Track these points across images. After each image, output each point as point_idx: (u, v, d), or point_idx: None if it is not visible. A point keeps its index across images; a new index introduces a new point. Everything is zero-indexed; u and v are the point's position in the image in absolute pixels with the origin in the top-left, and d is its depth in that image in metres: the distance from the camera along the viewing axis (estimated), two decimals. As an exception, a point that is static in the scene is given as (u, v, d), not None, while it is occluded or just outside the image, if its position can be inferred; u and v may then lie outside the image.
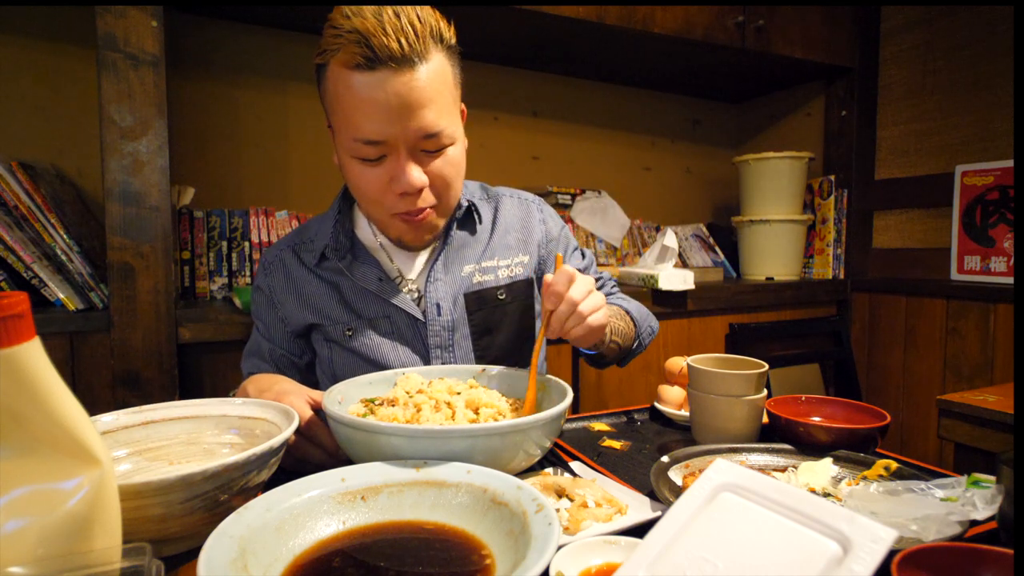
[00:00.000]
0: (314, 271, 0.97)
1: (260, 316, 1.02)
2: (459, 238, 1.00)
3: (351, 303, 0.96)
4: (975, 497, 0.53)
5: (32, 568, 0.37)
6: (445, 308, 0.96)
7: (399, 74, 0.77)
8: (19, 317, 0.38)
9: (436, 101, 0.81)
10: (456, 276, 0.98)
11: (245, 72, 1.80)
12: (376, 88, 0.77)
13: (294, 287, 0.98)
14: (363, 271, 0.95)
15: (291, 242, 1.02)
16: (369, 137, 0.80)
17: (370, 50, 0.75)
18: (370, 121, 0.79)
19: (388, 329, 0.96)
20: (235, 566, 0.44)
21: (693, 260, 2.37)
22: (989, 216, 1.90)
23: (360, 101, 0.79)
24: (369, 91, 0.78)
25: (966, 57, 1.97)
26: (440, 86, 0.81)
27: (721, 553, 0.43)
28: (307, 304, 0.97)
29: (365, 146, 0.81)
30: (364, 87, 0.78)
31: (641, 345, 1.11)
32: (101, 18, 1.24)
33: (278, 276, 0.99)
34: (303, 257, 0.99)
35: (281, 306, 0.98)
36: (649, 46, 1.97)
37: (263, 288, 1.01)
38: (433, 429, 0.60)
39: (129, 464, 0.66)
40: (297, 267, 0.99)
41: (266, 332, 1.01)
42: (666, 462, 0.69)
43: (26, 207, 1.30)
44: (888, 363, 2.17)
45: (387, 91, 0.77)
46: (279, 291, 0.99)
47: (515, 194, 1.09)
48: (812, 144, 2.40)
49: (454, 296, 0.97)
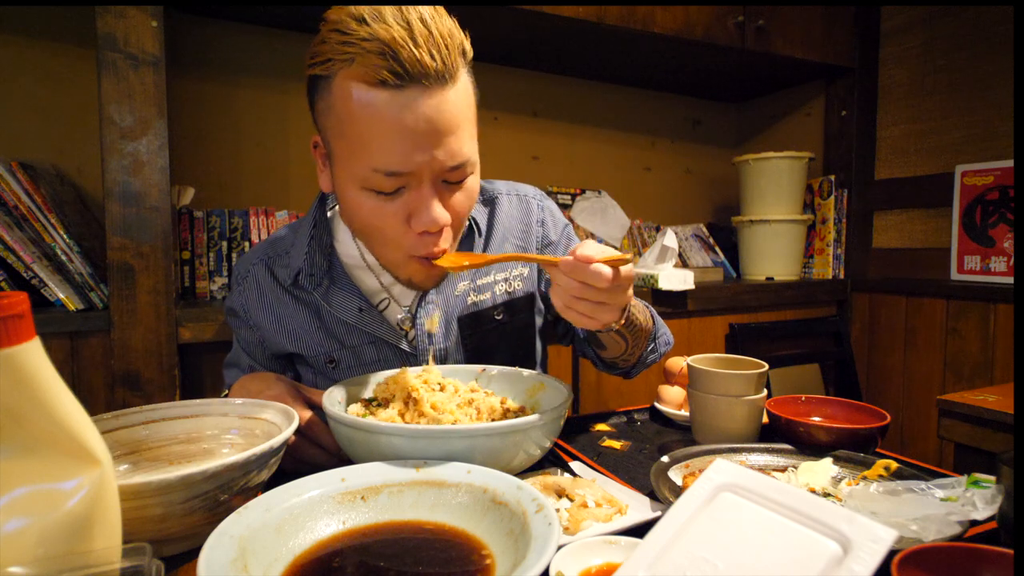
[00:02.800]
0: (289, 291, 0.88)
1: (238, 333, 0.94)
2: None
3: (332, 330, 0.87)
4: (975, 497, 0.53)
5: (32, 568, 0.37)
6: (437, 336, 0.88)
7: (429, 94, 0.66)
8: (19, 317, 0.38)
9: (464, 127, 0.71)
10: (449, 296, 0.89)
11: (245, 72, 1.80)
12: (404, 110, 0.65)
13: (269, 308, 0.88)
14: (341, 300, 0.85)
15: (263, 255, 0.91)
16: (392, 168, 0.68)
17: (399, 64, 0.64)
18: (394, 149, 0.67)
19: (375, 357, 0.87)
20: (235, 566, 0.44)
21: (693, 260, 2.36)
22: (989, 216, 1.90)
23: (383, 125, 0.66)
24: (395, 113, 0.66)
25: (966, 57, 1.97)
26: (467, 109, 0.71)
27: (721, 553, 0.43)
28: (284, 329, 0.88)
29: (385, 178, 0.69)
30: (389, 108, 0.65)
31: (656, 352, 0.99)
32: (101, 18, 1.24)
33: (251, 295, 0.89)
34: (277, 274, 0.88)
35: (257, 327, 0.90)
36: (649, 46, 1.97)
37: (237, 310, 0.91)
38: (433, 429, 0.60)
39: (129, 464, 0.66)
40: (271, 286, 0.89)
41: (246, 347, 0.93)
42: (666, 462, 0.69)
43: (26, 207, 1.30)
44: (888, 363, 2.17)
45: (416, 114, 0.66)
46: (254, 312, 0.89)
47: (513, 191, 0.98)
48: (812, 144, 2.40)
49: (448, 320, 0.88)
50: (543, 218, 0.99)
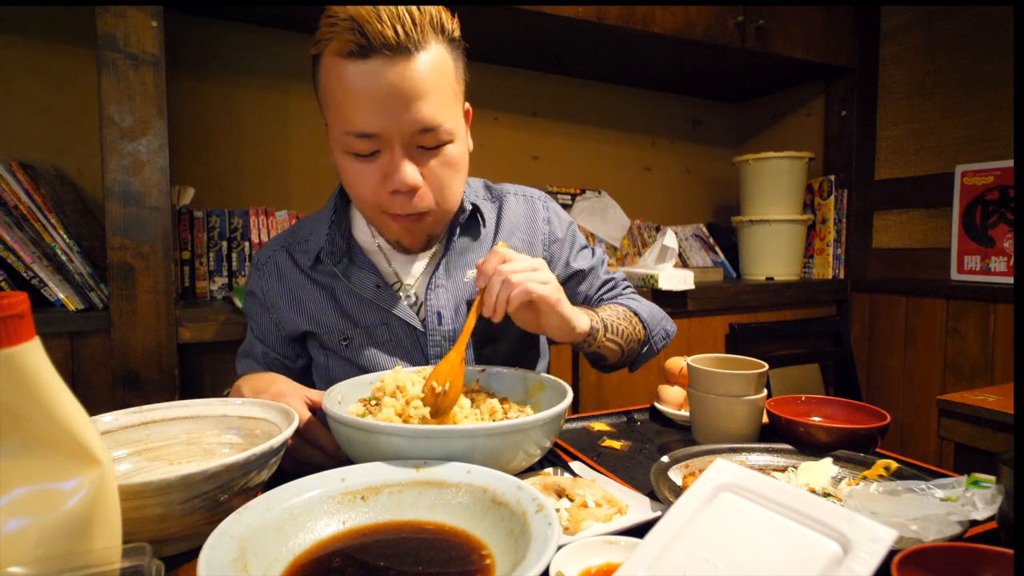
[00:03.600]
0: (308, 274, 0.94)
1: (254, 317, 0.99)
2: (461, 243, 0.96)
3: (347, 310, 0.92)
4: (975, 497, 0.53)
5: (32, 568, 0.37)
6: (446, 317, 0.92)
7: (394, 63, 0.73)
8: (19, 317, 0.38)
9: (434, 93, 0.76)
10: (458, 282, 0.94)
11: (245, 72, 1.80)
12: (369, 77, 0.74)
13: (288, 290, 0.94)
14: (360, 276, 0.91)
15: (284, 242, 0.98)
16: (361, 129, 0.76)
17: (364, 37, 0.72)
18: (362, 112, 0.75)
19: (386, 337, 0.92)
20: (235, 566, 0.44)
21: (693, 260, 2.37)
22: (989, 216, 1.90)
23: (352, 91, 0.75)
24: (361, 80, 0.74)
25: (966, 57, 1.97)
26: (439, 78, 0.77)
27: (721, 553, 0.43)
28: (301, 309, 0.93)
29: (357, 140, 0.77)
30: (356, 76, 0.74)
31: (652, 349, 1.04)
32: (101, 18, 1.24)
33: (271, 279, 0.96)
34: (297, 258, 0.95)
35: (275, 309, 0.95)
36: (649, 46, 1.97)
37: (256, 292, 0.97)
38: (433, 429, 0.60)
39: (129, 464, 0.66)
40: (291, 269, 0.95)
41: (260, 334, 0.98)
42: (666, 462, 0.69)
43: (26, 207, 1.30)
44: (888, 363, 2.17)
45: (380, 80, 0.73)
46: (272, 294, 0.95)
47: (520, 192, 1.05)
48: (812, 144, 2.40)
49: (456, 304, 0.93)
50: (549, 216, 1.04)
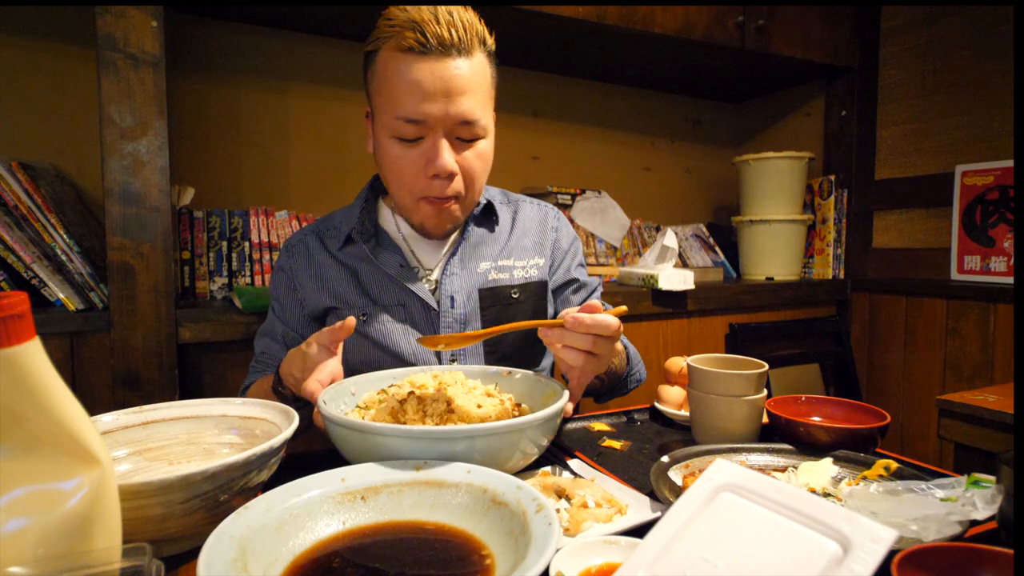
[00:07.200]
0: (335, 256, 1.02)
1: (278, 296, 1.05)
2: (477, 235, 1.03)
3: (368, 289, 1.00)
4: (975, 497, 0.53)
5: (32, 568, 0.37)
6: (459, 301, 0.99)
7: (445, 61, 0.84)
8: (19, 317, 0.38)
9: (476, 92, 0.87)
10: (472, 271, 1.01)
11: (245, 72, 1.80)
12: (424, 70, 0.84)
13: (315, 270, 1.02)
14: (386, 256, 0.99)
15: (316, 228, 1.07)
16: (411, 115, 0.86)
17: (423, 36, 0.83)
18: (414, 100, 0.85)
19: (402, 316, 0.99)
20: (235, 566, 0.44)
21: (693, 260, 2.36)
22: (989, 216, 1.90)
23: (407, 81, 0.85)
24: (417, 72, 0.84)
25: (966, 57, 1.97)
26: (480, 80, 0.88)
27: (721, 553, 0.43)
28: (326, 287, 1.01)
29: (406, 124, 0.87)
30: (412, 68, 0.84)
31: (625, 388, 1.09)
32: (101, 18, 1.24)
33: (300, 259, 1.04)
34: (327, 243, 1.04)
35: (301, 288, 1.02)
36: (649, 46, 1.97)
37: (284, 269, 1.05)
38: (433, 429, 0.60)
39: (129, 464, 0.66)
40: (320, 251, 1.03)
41: (282, 313, 1.04)
42: (666, 462, 0.69)
43: (26, 207, 1.30)
44: (888, 363, 2.17)
45: (434, 74, 0.84)
46: (300, 273, 1.03)
47: (535, 201, 1.14)
48: (812, 144, 2.40)
49: (469, 290, 1.00)
50: (557, 225, 1.13)
